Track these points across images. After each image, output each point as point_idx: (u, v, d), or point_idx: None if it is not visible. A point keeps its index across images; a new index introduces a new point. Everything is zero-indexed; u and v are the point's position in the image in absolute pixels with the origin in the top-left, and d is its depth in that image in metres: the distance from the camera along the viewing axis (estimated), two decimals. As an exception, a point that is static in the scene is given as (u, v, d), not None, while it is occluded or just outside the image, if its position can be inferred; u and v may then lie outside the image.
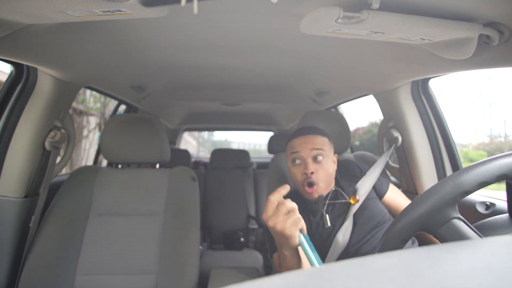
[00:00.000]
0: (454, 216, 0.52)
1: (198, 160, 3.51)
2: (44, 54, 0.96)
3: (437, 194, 0.52)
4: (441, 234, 0.52)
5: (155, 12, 0.67)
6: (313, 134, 1.06)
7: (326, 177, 1.03)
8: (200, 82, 1.77)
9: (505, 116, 14.29)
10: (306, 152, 1.03)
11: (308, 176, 1.01)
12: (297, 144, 1.06)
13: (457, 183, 0.51)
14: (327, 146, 1.06)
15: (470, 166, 0.52)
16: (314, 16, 0.67)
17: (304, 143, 1.04)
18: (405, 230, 0.53)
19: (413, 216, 0.53)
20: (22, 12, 0.66)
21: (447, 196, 0.51)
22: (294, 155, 1.05)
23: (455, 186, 0.51)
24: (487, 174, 0.51)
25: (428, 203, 0.52)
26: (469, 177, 0.51)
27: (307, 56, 1.24)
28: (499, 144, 9.12)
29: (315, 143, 1.04)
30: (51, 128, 1.17)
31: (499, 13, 0.68)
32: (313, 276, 0.24)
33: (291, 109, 2.55)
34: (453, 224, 0.51)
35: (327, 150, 1.05)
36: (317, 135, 1.07)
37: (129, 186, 1.23)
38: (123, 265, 1.11)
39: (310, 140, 1.05)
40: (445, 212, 0.52)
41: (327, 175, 1.03)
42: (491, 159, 0.52)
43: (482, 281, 0.23)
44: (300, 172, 1.03)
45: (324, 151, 1.04)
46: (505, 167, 0.51)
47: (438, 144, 1.30)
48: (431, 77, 1.20)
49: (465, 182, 0.51)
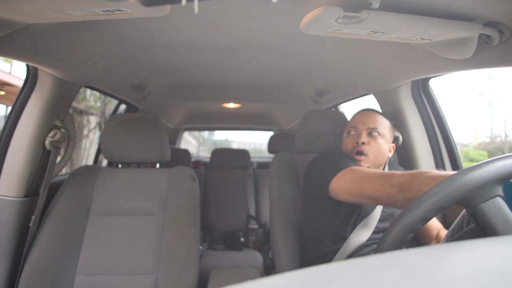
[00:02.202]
0: (500, 194, 0.49)
1: (198, 159, 3.50)
2: (44, 53, 0.96)
3: (491, 166, 0.49)
4: (482, 209, 0.49)
5: (155, 11, 0.67)
6: (376, 112, 1.12)
7: (377, 153, 1.06)
8: (200, 82, 1.77)
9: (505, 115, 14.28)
10: (361, 125, 1.09)
11: (358, 145, 1.05)
12: (355, 119, 1.12)
13: None
14: (386, 128, 1.10)
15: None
16: (314, 16, 0.67)
17: (363, 118, 1.10)
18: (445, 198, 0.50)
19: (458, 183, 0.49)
20: (22, 12, 0.66)
21: (499, 172, 0.48)
22: (350, 127, 1.12)
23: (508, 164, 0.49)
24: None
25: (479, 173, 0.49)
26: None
27: (307, 56, 1.24)
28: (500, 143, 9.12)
29: (374, 120, 1.09)
30: (51, 128, 1.17)
31: (499, 13, 0.68)
32: (313, 276, 0.24)
33: (291, 109, 2.55)
34: (497, 201, 0.49)
35: (384, 131, 1.09)
36: (378, 114, 1.12)
37: (129, 186, 1.23)
38: (123, 265, 1.11)
39: (370, 116, 1.10)
40: (492, 187, 0.49)
41: (378, 152, 1.06)
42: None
43: (482, 281, 0.23)
44: (352, 141, 1.08)
45: (380, 129, 1.08)
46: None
47: (439, 143, 1.30)
48: (431, 76, 1.20)
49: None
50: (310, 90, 1.82)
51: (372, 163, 1.06)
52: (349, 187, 0.90)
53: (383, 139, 1.08)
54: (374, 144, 1.06)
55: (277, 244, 1.19)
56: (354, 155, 1.06)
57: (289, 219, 1.22)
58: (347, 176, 0.92)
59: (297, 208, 1.25)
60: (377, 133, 1.07)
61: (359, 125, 1.10)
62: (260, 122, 3.35)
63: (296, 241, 1.20)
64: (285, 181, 1.30)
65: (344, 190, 0.92)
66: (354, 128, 1.11)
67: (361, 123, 1.09)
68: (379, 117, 1.11)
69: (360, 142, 1.05)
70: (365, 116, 1.11)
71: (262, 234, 2.31)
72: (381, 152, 1.07)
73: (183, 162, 2.03)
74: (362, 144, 1.05)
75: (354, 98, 1.79)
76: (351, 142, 1.09)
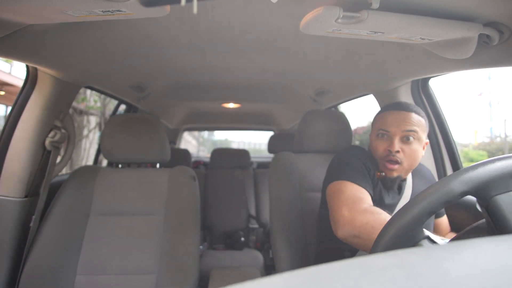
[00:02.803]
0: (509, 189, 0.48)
1: (198, 159, 3.50)
2: (44, 54, 0.96)
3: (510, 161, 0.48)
4: (496, 202, 0.48)
5: (155, 12, 0.67)
6: (409, 111, 0.95)
7: (412, 160, 0.94)
8: (200, 82, 1.77)
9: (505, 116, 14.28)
10: (396, 131, 0.93)
11: (391, 154, 0.93)
12: (388, 120, 0.95)
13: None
14: (422, 127, 0.95)
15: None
16: (314, 16, 0.67)
17: (397, 120, 0.94)
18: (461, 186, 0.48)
19: (477, 173, 0.48)
20: (22, 12, 0.66)
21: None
22: (381, 130, 0.96)
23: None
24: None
25: (499, 164, 0.47)
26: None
27: (307, 56, 1.24)
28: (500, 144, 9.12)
29: (410, 122, 0.93)
30: (51, 128, 1.17)
31: (499, 13, 0.68)
32: (313, 276, 0.24)
33: (291, 109, 2.55)
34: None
35: (421, 132, 0.94)
36: (412, 112, 0.95)
37: (129, 186, 1.23)
38: (124, 265, 1.11)
39: (406, 118, 0.94)
40: (510, 181, 0.48)
41: (413, 159, 0.94)
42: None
43: (483, 281, 0.23)
44: (384, 147, 0.95)
45: (417, 133, 0.93)
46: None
47: (439, 143, 1.30)
48: (431, 76, 1.20)
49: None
50: (310, 90, 1.82)
51: (406, 171, 0.96)
52: (328, 200, 0.94)
53: (419, 142, 0.94)
54: (409, 151, 0.93)
55: (277, 243, 1.19)
56: (386, 162, 0.95)
57: (289, 218, 1.22)
58: (333, 189, 0.93)
59: (297, 207, 1.25)
60: (413, 138, 0.93)
61: (392, 128, 0.94)
62: (260, 122, 3.35)
63: (296, 241, 1.20)
64: (285, 181, 1.29)
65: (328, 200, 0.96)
66: (385, 132, 0.95)
67: (395, 126, 0.94)
68: (415, 117, 0.94)
69: (393, 151, 0.92)
70: (400, 117, 0.94)
71: (262, 233, 2.31)
72: (416, 158, 0.94)
73: (183, 162, 2.03)
74: (396, 153, 0.92)
75: (354, 98, 1.79)
76: (382, 148, 0.95)
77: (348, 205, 0.84)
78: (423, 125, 0.95)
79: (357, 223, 0.78)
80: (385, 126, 0.96)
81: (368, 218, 0.77)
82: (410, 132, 0.92)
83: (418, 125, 0.94)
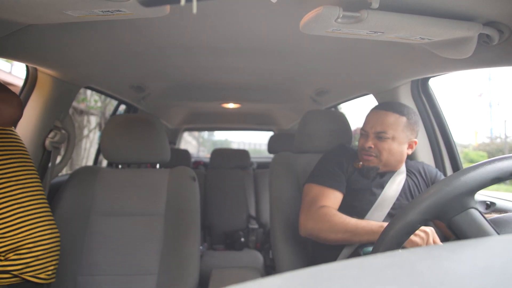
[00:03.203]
0: (472, 206, 0.50)
1: (198, 160, 3.50)
2: (44, 54, 0.96)
3: (458, 180, 0.50)
4: (456, 222, 0.50)
5: (155, 12, 0.67)
6: (386, 111, 1.04)
7: (388, 155, 1.02)
8: (199, 82, 1.77)
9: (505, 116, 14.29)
10: (369, 129, 1.04)
11: (365, 149, 1.04)
12: (366, 120, 1.08)
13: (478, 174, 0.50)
14: (398, 129, 1.02)
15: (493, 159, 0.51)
16: (314, 16, 0.67)
17: (371, 120, 1.05)
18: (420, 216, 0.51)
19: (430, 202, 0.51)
20: (22, 12, 0.66)
21: (468, 184, 0.50)
22: (361, 129, 1.08)
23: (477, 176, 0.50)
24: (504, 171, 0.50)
25: (448, 189, 0.50)
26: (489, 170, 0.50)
27: (307, 56, 1.24)
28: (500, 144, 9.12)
29: (382, 123, 1.02)
30: (51, 129, 1.17)
31: (498, 12, 0.68)
32: (313, 276, 0.24)
33: (291, 109, 2.55)
34: (470, 213, 0.50)
35: (396, 133, 1.01)
36: (390, 112, 1.03)
37: (129, 186, 1.22)
38: (124, 265, 1.11)
39: (378, 118, 1.04)
40: (464, 200, 0.50)
41: (389, 154, 1.02)
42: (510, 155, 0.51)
43: (483, 281, 0.23)
44: (361, 143, 1.06)
45: (388, 133, 1.01)
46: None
47: (439, 144, 1.30)
48: (431, 76, 1.20)
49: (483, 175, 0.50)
50: (310, 90, 1.82)
51: (384, 163, 1.04)
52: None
53: (395, 141, 1.02)
54: (383, 148, 1.02)
55: (277, 244, 1.19)
56: (362, 155, 1.06)
57: (289, 218, 1.22)
58: (303, 192, 1.09)
59: (297, 208, 1.25)
60: (385, 137, 1.01)
61: (367, 127, 1.06)
62: (260, 122, 3.35)
63: (296, 241, 1.19)
64: (285, 181, 1.29)
65: None
66: (363, 131, 1.07)
67: (369, 126, 1.05)
68: (389, 117, 1.02)
69: (366, 146, 1.03)
70: (373, 118, 1.06)
71: (262, 234, 2.31)
72: (393, 154, 1.02)
73: (183, 163, 2.03)
74: (369, 148, 1.03)
75: (354, 98, 1.79)
76: (360, 144, 1.07)
77: (305, 209, 1.02)
78: (402, 126, 1.02)
79: (309, 226, 0.98)
80: (364, 125, 1.08)
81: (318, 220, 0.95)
82: (380, 133, 1.02)
83: (393, 126, 1.01)
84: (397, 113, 1.02)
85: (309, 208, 1.00)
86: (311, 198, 1.03)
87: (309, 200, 1.03)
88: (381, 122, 1.02)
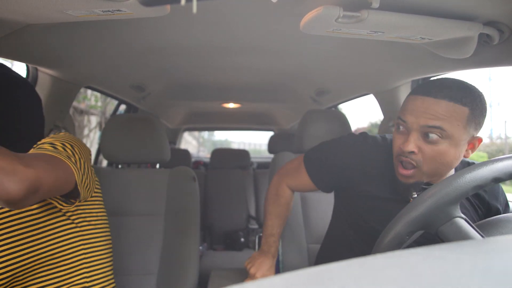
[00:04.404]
0: (457, 215, 0.52)
1: (198, 160, 3.50)
2: (44, 54, 0.96)
3: (440, 192, 0.52)
4: (442, 232, 0.52)
5: (155, 12, 0.67)
6: (439, 99, 0.67)
7: (436, 164, 0.70)
8: (200, 82, 1.77)
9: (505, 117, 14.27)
10: (413, 120, 0.69)
11: (403, 154, 0.71)
12: (408, 106, 0.71)
13: (460, 182, 0.51)
14: (461, 123, 0.67)
15: (473, 167, 0.52)
16: (314, 15, 0.67)
17: (418, 107, 0.69)
18: (406, 228, 0.53)
19: (415, 214, 0.53)
20: (22, 12, 0.66)
21: (450, 195, 0.51)
22: (399, 120, 0.73)
23: (458, 185, 0.51)
24: (483, 178, 0.51)
25: (431, 201, 0.52)
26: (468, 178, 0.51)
27: (307, 56, 1.24)
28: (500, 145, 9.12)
29: (435, 112, 0.67)
30: (51, 128, 1.17)
31: (499, 12, 0.68)
32: (313, 276, 0.24)
33: (291, 109, 2.55)
34: (455, 222, 0.51)
35: (454, 129, 0.67)
36: (446, 101, 0.67)
37: (129, 187, 1.22)
38: (123, 265, 1.11)
39: (428, 107, 0.68)
40: (447, 210, 0.51)
41: (438, 163, 0.69)
42: (488, 161, 0.52)
43: (483, 281, 0.23)
44: (398, 142, 0.73)
45: (444, 129, 0.67)
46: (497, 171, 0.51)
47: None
48: (431, 76, 1.20)
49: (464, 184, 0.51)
50: (310, 90, 1.82)
51: (427, 175, 0.72)
52: None
53: (450, 141, 0.68)
54: (431, 153, 0.69)
55: None
56: (399, 167, 0.73)
57: (289, 219, 1.22)
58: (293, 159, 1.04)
59: (297, 208, 1.25)
60: (438, 135, 0.67)
61: (410, 118, 0.70)
62: (260, 122, 3.35)
63: (296, 241, 1.20)
64: None
65: None
66: (402, 121, 0.72)
67: (414, 116, 0.69)
68: (445, 108, 0.67)
69: (406, 150, 0.69)
70: (420, 106, 0.69)
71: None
72: (443, 162, 0.69)
73: (183, 163, 2.03)
74: (410, 154, 0.70)
75: (354, 98, 1.79)
76: (397, 144, 0.73)
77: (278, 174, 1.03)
78: (462, 119, 0.67)
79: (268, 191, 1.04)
80: (403, 113, 0.72)
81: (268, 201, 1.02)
82: (431, 129, 0.67)
83: (452, 117, 0.67)
84: (458, 103, 0.67)
85: (280, 176, 1.02)
86: (289, 168, 1.01)
87: (286, 168, 1.02)
88: (433, 114, 0.67)
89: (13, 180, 0.49)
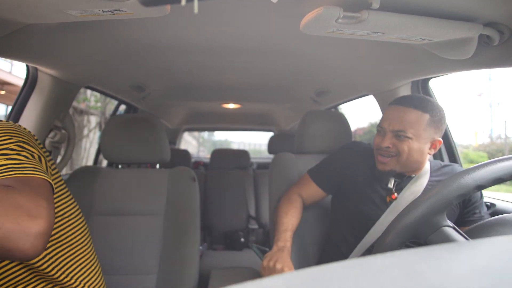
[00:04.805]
0: (444, 224, 0.54)
1: (198, 160, 3.50)
2: (44, 54, 0.96)
3: (426, 203, 0.54)
4: (431, 241, 0.54)
5: (155, 12, 0.67)
6: (407, 107, 0.92)
7: (407, 156, 0.93)
8: (200, 82, 1.77)
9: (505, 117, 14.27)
10: (387, 126, 0.95)
11: (381, 149, 0.96)
12: (384, 116, 0.98)
13: (445, 193, 0.53)
14: (420, 128, 0.91)
15: (455, 176, 0.53)
16: (314, 16, 0.67)
17: (390, 116, 0.95)
18: (397, 239, 0.55)
19: (403, 225, 0.54)
20: (22, 12, 0.66)
21: (435, 206, 0.53)
22: (379, 126, 0.99)
23: (443, 196, 0.53)
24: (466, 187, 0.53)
25: (417, 213, 0.54)
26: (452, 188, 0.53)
27: (307, 56, 1.24)
28: (500, 145, 9.13)
29: (402, 120, 0.92)
30: (51, 128, 1.17)
31: (499, 13, 0.68)
32: (313, 276, 0.24)
33: (291, 109, 2.55)
34: (443, 231, 0.53)
35: (417, 131, 0.91)
36: (412, 109, 0.92)
37: (129, 187, 1.22)
38: (124, 265, 1.11)
39: (398, 115, 0.93)
40: (434, 220, 0.53)
41: (409, 156, 0.93)
42: (470, 169, 0.54)
43: (482, 281, 0.23)
44: (378, 141, 0.98)
45: (408, 132, 0.91)
46: (479, 179, 0.52)
47: (439, 144, 1.30)
48: (431, 77, 1.20)
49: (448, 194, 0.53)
50: (310, 90, 1.82)
51: (403, 165, 0.95)
52: None
53: (415, 141, 0.91)
54: (402, 148, 0.92)
55: None
56: (378, 155, 0.98)
57: None
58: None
59: None
60: (405, 135, 0.91)
61: (384, 124, 0.96)
62: (260, 123, 3.35)
63: (296, 242, 1.19)
64: (285, 181, 1.29)
65: None
66: (380, 128, 0.98)
67: (387, 123, 0.95)
68: (410, 115, 0.91)
69: (383, 146, 0.94)
70: (392, 114, 0.95)
71: (262, 234, 2.31)
72: (412, 156, 0.93)
73: (183, 163, 2.03)
74: (386, 148, 0.94)
75: (354, 98, 1.79)
76: (376, 142, 0.99)
77: (287, 192, 1.14)
78: (424, 124, 0.91)
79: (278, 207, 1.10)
80: (381, 121, 0.98)
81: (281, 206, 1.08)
82: (400, 132, 0.92)
83: (414, 124, 0.91)
84: (419, 110, 0.91)
85: (290, 189, 1.15)
86: (296, 182, 1.16)
87: (294, 184, 1.17)
88: (401, 120, 0.92)
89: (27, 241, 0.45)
